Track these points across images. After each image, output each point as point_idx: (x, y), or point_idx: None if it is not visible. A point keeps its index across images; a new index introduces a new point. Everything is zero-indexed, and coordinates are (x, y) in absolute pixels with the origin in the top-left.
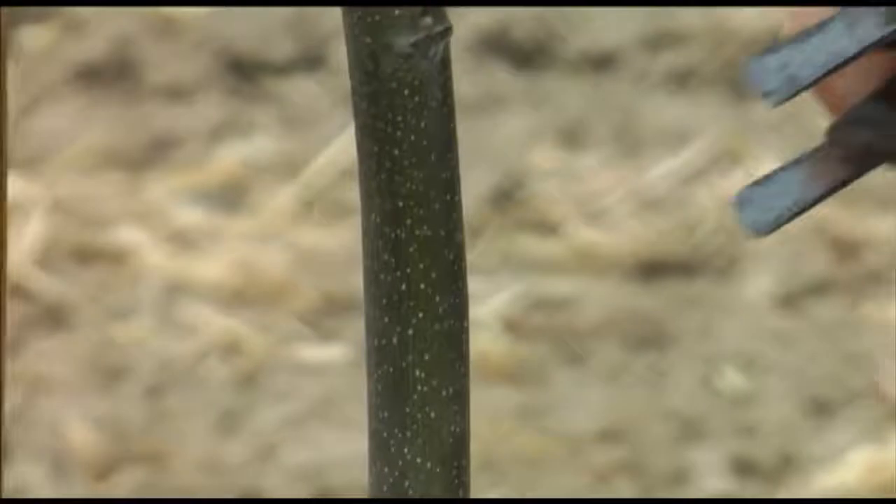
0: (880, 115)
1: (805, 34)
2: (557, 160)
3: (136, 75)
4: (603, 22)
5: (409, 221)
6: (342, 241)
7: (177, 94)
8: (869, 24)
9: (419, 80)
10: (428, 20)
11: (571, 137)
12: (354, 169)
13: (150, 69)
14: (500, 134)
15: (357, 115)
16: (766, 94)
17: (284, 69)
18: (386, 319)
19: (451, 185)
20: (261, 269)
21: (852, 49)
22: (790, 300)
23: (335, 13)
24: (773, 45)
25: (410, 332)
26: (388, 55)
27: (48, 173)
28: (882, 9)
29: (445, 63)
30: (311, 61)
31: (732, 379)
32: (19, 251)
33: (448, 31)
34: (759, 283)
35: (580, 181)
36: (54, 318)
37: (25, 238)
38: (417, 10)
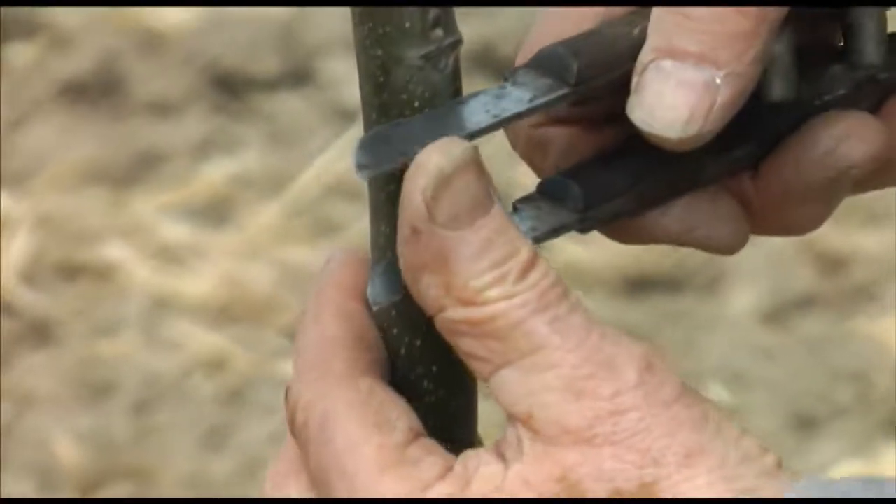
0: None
1: (442, 106)
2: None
3: (123, 91)
4: None
5: None
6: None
7: (163, 110)
8: (513, 99)
9: (430, 93)
10: (439, 32)
11: None
12: (340, 185)
13: (136, 85)
14: (483, 150)
15: (367, 127)
16: (360, 166)
17: (271, 85)
18: (395, 331)
19: None
20: (247, 285)
21: (482, 123)
22: (776, 315)
23: (322, 29)
24: (399, 120)
25: (419, 342)
26: (399, 67)
27: (34, 189)
28: (539, 83)
29: (456, 75)
30: (297, 77)
31: (718, 394)
32: (5, 267)
33: (458, 42)
34: (744, 298)
35: None
36: (40, 333)
37: (11, 254)
38: (428, 21)
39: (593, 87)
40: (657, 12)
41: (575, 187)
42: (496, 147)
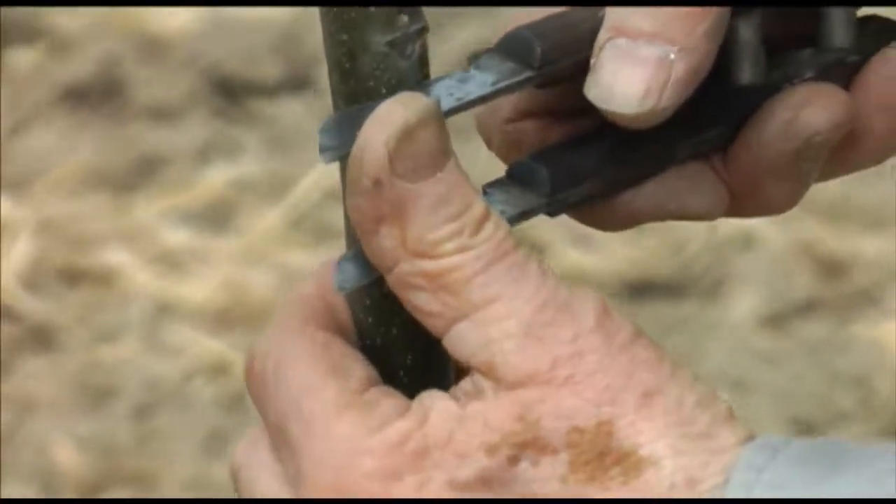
0: (506, 191)
1: (413, 90)
2: None
3: (123, 96)
4: None
5: None
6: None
7: (163, 114)
8: (477, 83)
9: (396, 80)
10: (404, 18)
11: None
12: (340, 190)
13: (136, 90)
14: (482, 155)
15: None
16: (324, 149)
17: (271, 90)
18: (370, 319)
19: None
20: (247, 290)
21: (447, 106)
22: (776, 320)
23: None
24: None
25: (394, 331)
26: (365, 54)
27: (35, 194)
28: (503, 67)
29: (423, 62)
30: (297, 83)
31: None
32: (6, 272)
33: (424, 29)
34: (745, 303)
35: None
36: (41, 338)
37: (12, 259)
38: (394, 8)
39: (557, 69)
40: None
41: (542, 170)
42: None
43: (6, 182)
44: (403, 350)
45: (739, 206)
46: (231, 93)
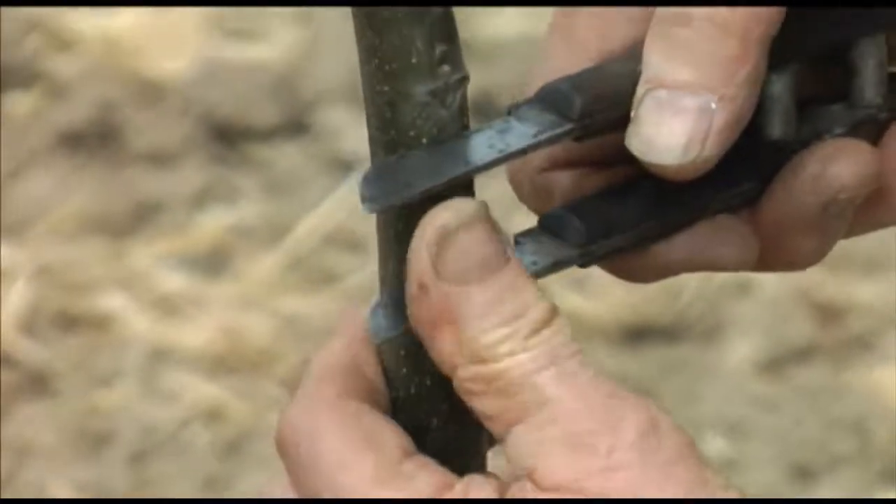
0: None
1: (447, 141)
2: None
3: (120, 141)
4: None
5: None
6: (326, 307)
7: (160, 159)
8: (517, 134)
9: (437, 129)
10: (446, 68)
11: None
12: (338, 235)
13: (133, 135)
14: (481, 197)
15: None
16: (366, 199)
17: (268, 135)
18: (403, 370)
19: None
20: (245, 336)
21: (487, 158)
22: (773, 365)
23: (319, 79)
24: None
25: (428, 382)
26: (406, 103)
27: (32, 239)
28: (542, 119)
29: (463, 111)
30: (294, 127)
31: (716, 444)
32: (3, 317)
33: (465, 79)
34: (742, 348)
35: None
36: (38, 384)
37: (9, 304)
38: (435, 58)
39: (596, 122)
40: (648, 44)
41: (575, 222)
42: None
43: (3, 227)
44: (438, 399)
45: (766, 260)
46: (228, 138)
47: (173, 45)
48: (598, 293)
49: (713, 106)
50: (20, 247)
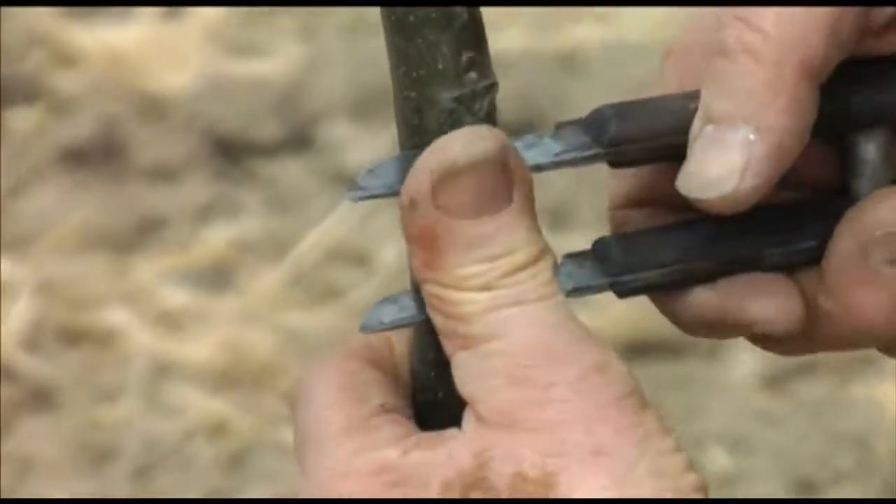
0: (580, 264)
1: None
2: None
3: (123, 157)
4: (590, 102)
5: None
6: (329, 321)
7: (163, 175)
8: (540, 150)
9: None
10: (473, 75)
11: (558, 219)
12: (341, 250)
13: (136, 151)
14: None
15: None
16: (352, 188)
17: (271, 151)
18: (433, 374)
19: None
20: (247, 350)
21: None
22: (777, 381)
23: (321, 95)
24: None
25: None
26: (433, 110)
27: (35, 254)
28: (576, 140)
29: (491, 118)
30: (297, 143)
31: (719, 459)
32: (6, 333)
33: (493, 85)
34: (745, 363)
35: None
36: (41, 399)
37: (12, 319)
38: (462, 64)
39: (630, 151)
40: (703, 80)
41: (615, 251)
42: None
43: (6, 242)
44: (464, 403)
45: (833, 326)
46: (231, 153)
47: (177, 61)
48: (603, 308)
49: (752, 137)
50: (23, 262)
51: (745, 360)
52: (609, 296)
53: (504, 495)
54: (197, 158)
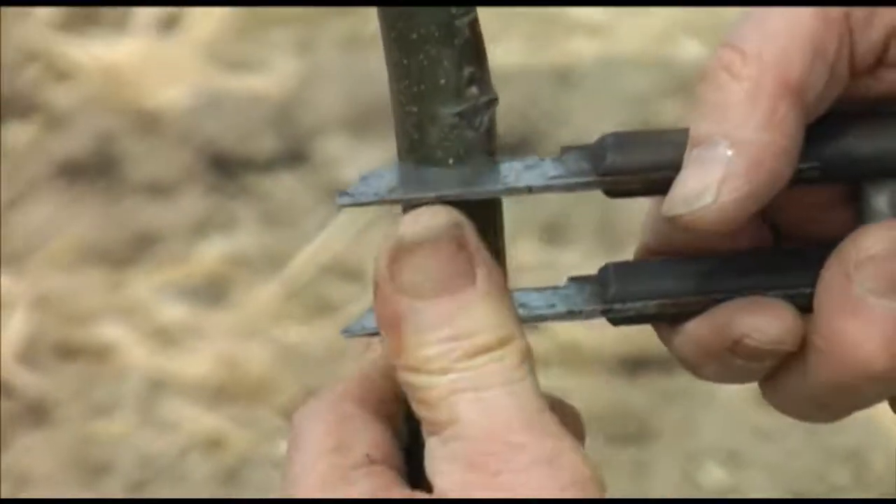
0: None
1: (480, 164)
2: (540, 256)
3: (119, 171)
4: (585, 117)
5: None
6: (325, 336)
7: (159, 190)
8: (537, 174)
9: (464, 150)
10: (474, 90)
11: (553, 233)
12: (337, 265)
13: (132, 165)
14: None
15: None
16: (342, 193)
17: (267, 165)
18: None
19: (497, 253)
20: (244, 365)
21: (486, 189)
22: None
23: (317, 109)
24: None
25: None
26: (434, 125)
27: (30, 269)
28: (575, 166)
29: (491, 133)
30: (293, 157)
31: (714, 473)
32: (2, 347)
33: (494, 101)
34: None
35: (562, 277)
36: (37, 413)
37: (8, 334)
38: (463, 79)
39: (627, 182)
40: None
41: (613, 278)
42: None
43: (2, 257)
44: None
45: (826, 365)
46: (226, 168)
47: (172, 76)
48: (598, 323)
49: (729, 153)
50: (19, 276)
51: None
52: None
53: None
54: (192, 173)
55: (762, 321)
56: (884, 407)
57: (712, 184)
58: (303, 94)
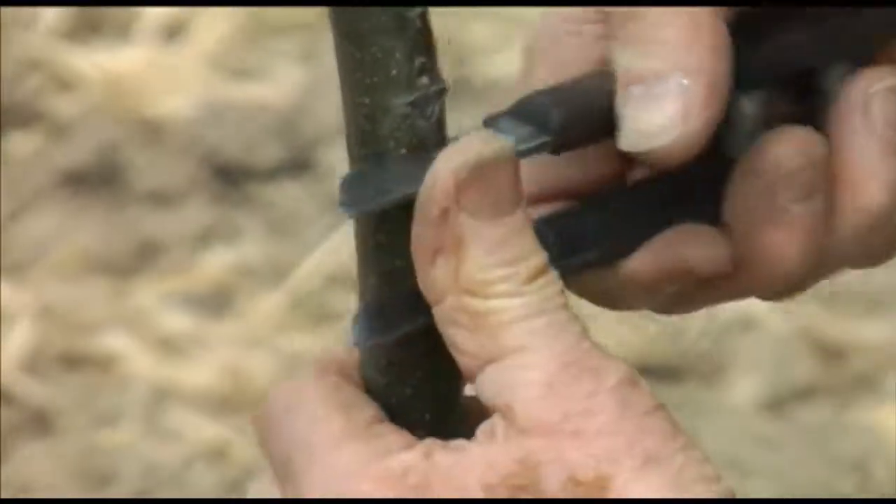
0: None
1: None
2: None
3: (122, 181)
4: None
5: (409, 282)
6: (329, 345)
7: (163, 199)
8: None
9: (416, 140)
10: (424, 79)
11: None
12: (341, 274)
13: (135, 175)
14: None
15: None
16: (344, 203)
17: (271, 175)
18: (384, 381)
19: None
20: (248, 375)
21: None
22: (776, 404)
23: (321, 118)
24: (377, 157)
25: (409, 392)
26: (386, 115)
27: (34, 279)
28: (520, 131)
29: (441, 123)
30: (297, 167)
31: None
32: (5, 357)
33: (444, 90)
34: (745, 387)
35: None
36: (40, 423)
37: (11, 344)
38: (415, 69)
39: (573, 135)
40: (611, 51)
41: (551, 236)
42: None
43: (5, 267)
44: (420, 410)
45: (751, 272)
46: (230, 177)
47: (176, 85)
48: (601, 333)
49: (685, 82)
50: (23, 286)
51: (745, 384)
52: (609, 318)
53: (557, 497)
54: (196, 182)
55: (705, 251)
56: (889, 416)
57: (677, 115)
58: (307, 103)
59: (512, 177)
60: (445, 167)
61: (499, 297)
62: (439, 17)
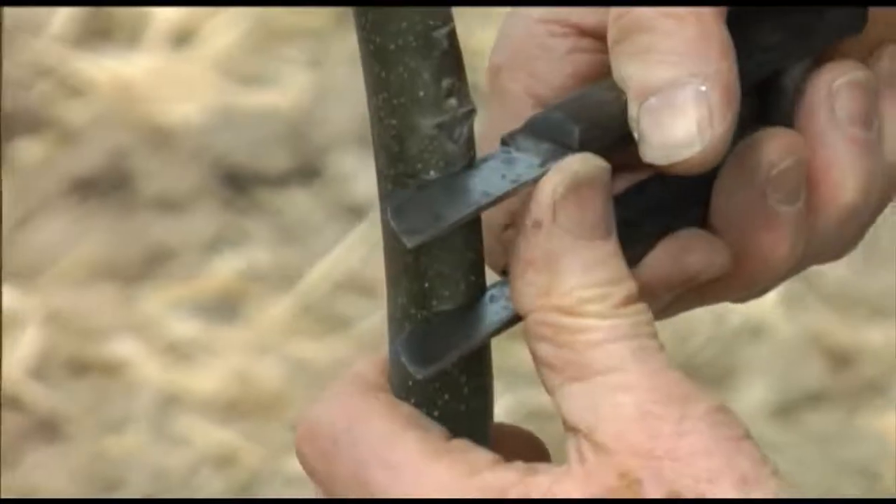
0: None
1: (457, 173)
2: None
3: (131, 187)
4: None
5: (434, 302)
6: (337, 352)
7: (171, 205)
8: (525, 164)
9: (444, 162)
10: (452, 101)
11: None
12: (349, 281)
13: (144, 181)
14: None
15: (383, 198)
16: (406, 233)
17: (279, 181)
18: (412, 401)
19: (477, 267)
20: (256, 381)
21: (504, 188)
22: (784, 410)
23: (330, 125)
24: (420, 182)
25: (436, 413)
26: (414, 137)
27: (42, 285)
28: (542, 148)
29: (470, 144)
30: (305, 173)
31: None
32: (13, 363)
33: (472, 112)
34: (753, 393)
35: None
36: (48, 429)
37: (20, 350)
38: (442, 91)
39: (592, 150)
40: (618, 65)
41: None
42: None
43: (14, 273)
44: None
45: (742, 271)
46: (239, 184)
47: (184, 92)
48: None
49: (703, 88)
50: (31, 293)
51: (753, 389)
52: None
53: None
54: (205, 189)
55: (707, 257)
56: (895, 422)
57: (703, 122)
58: (316, 110)
59: (607, 200)
60: (547, 183)
61: (591, 317)
62: None
